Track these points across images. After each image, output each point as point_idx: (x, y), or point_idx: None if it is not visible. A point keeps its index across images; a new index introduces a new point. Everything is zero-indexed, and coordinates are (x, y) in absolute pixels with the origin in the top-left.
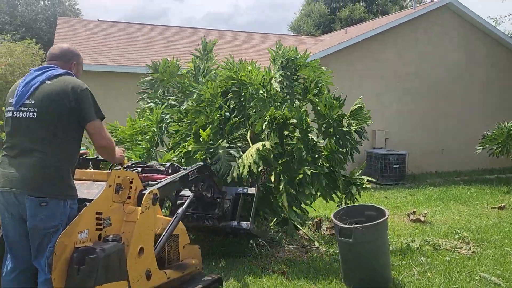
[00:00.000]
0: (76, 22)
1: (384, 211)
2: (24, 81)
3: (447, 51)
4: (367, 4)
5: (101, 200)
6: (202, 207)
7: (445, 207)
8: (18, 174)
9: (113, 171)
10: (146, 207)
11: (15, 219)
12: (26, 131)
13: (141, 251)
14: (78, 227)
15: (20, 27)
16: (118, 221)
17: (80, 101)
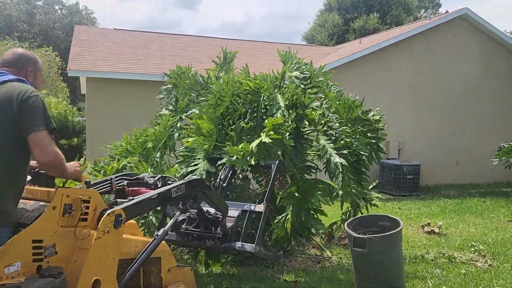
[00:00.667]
0: (92, 30)
1: (398, 221)
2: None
3: (462, 62)
4: (381, 15)
5: (40, 225)
6: (204, 225)
7: (460, 219)
8: None
9: (59, 190)
10: (105, 231)
11: None
12: None
13: (97, 284)
14: (4, 259)
15: (37, 35)
16: (68, 249)
17: (23, 108)
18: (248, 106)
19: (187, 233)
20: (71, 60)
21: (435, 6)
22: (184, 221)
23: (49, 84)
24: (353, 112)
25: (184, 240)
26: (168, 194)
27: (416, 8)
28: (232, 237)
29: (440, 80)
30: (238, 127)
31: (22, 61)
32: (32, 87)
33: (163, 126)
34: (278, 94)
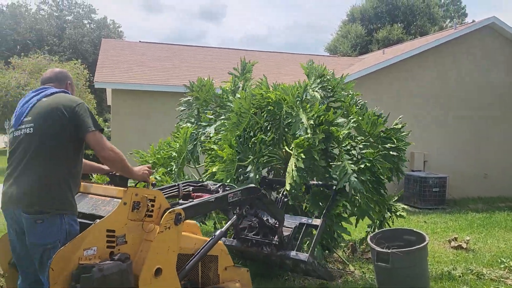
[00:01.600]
0: (118, 43)
1: (424, 236)
2: (22, 103)
3: (490, 72)
4: (405, 25)
5: (113, 217)
6: (262, 232)
7: (488, 234)
8: (15, 192)
9: (130, 189)
10: (166, 226)
11: (19, 235)
12: (24, 147)
13: (158, 272)
14: (84, 243)
15: (67, 48)
16: (137, 239)
17: (76, 114)
18: (269, 118)
19: (246, 239)
20: (98, 72)
21: (461, 16)
22: (244, 229)
23: (77, 95)
24: (376, 128)
25: (243, 246)
26: (225, 198)
27: (442, 18)
28: (288, 246)
29: (467, 90)
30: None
31: (61, 77)
32: (77, 97)
33: (182, 139)
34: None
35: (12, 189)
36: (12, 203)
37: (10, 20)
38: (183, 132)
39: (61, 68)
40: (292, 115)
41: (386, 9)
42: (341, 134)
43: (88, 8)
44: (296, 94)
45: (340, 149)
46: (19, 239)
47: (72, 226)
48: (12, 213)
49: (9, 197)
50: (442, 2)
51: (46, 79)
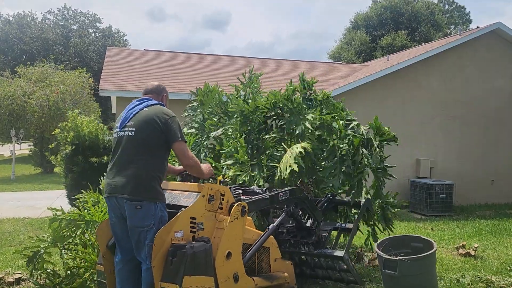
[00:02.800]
0: (123, 51)
1: (432, 243)
2: (127, 109)
3: (495, 77)
4: (409, 32)
5: (195, 207)
6: (300, 234)
7: (497, 242)
8: (118, 183)
9: (207, 184)
10: (235, 217)
11: (119, 219)
12: (126, 146)
13: (229, 256)
14: (175, 227)
15: (72, 57)
16: (210, 227)
17: (168, 125)
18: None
19: (285, 240)
20: (103, 80)
21: (465, 22)
22: (283, 233)
23: (82, 104)
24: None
25: (283, 247)
26: (276, 196)
27: (446, 25)
28: (325, 244)
29: (472, 96)
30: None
31: (159, 90)
32: (170, 110)
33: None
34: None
35: (116, 181)
36: (116, 192)
37: (16, 30)
38: (187, 139)
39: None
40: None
41: (390, 16)
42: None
43: (93, 17)
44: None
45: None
46: (120, 222)
47: (163, 212)
48: (115, 200)
49: (113, 187)
50: (446, 9)
51: (147, 91)
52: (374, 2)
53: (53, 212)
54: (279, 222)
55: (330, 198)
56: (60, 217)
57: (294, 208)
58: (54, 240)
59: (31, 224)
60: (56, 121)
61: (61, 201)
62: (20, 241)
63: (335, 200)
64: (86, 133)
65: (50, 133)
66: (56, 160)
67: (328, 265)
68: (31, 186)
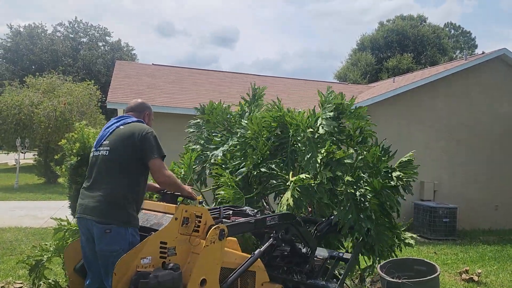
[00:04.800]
0: (132, 65)
1: (435, 267)
2: (104, 128)
3: (501, 103)
4: (415, 55)
5: (166, 231)
6: (294, 261)
7: (501, 268)
8: (89, 204)
9: (180, 206)
10: (211, 241)
11: (89, 241)
12: (99, 166)
13: (203, 283)
14: (141, 253)
15: (81, 69)
16: (184, 252)
17: (143, 142)
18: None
19: (278, 266)
20: (111, 93)
21: (470, 47)
22: (277, 257)
23: (88, 115)
24: (381, 164)
25: (275, 273)
26: (263, 221)
27: (452, 49)
28: (318, 275)
29: (477, 121)
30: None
31: (141, 107)
32: (148, 126)
33: (186, 165)
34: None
35: (87, 201)
36: (86, 213)
37: (26, 41)
38: (187, 157)
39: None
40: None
41: (396, 38)
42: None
43: (103, 31)
44: (307, 123)
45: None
46: (89, 245)
47: (134, 237)
48: (85, 222)
49: (84, 208)
50: (452, 33)
51: (128, 108)
52: (380, 25)
53: (58, 222)
54: (265, 248)
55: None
56: (65, 227)
57: (283, 235)
58: (57, 250)
59: (33, 234)
60: (62, 132)
61: (64, 211)
62: (21, 250)
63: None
64: (92, 144)
65: (55, 143)
66: (61, 170)
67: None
68: (34, 196)
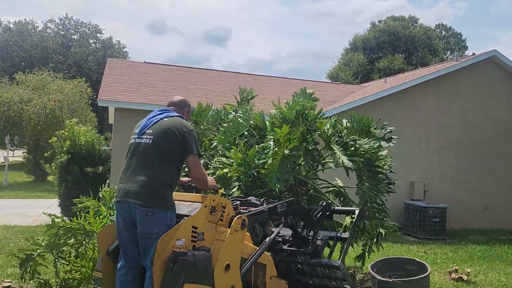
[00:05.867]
0: (123, 63)
1: (426, 266)
2: (148, 117)
3: (491, 104)
4: (406, 55)
5: (197, 217)
6: (297, 244)
7: (489, 267)
8: (132, 188)
9: (209, 195)
10: (235, 229)
11: (127, 224)
12: (142, 153)
13: (227, 267)
14: (176, 235)
15: (71, 66)
16: (211, 238)
17: (185, 138)
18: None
19: (282, 250)
20: (102, 91)
21: (461, 48)
22: (279, 242)
23: (79, 113)
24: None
25: (279, 257)
26: (275, 208)
27: (442, 50)
28: (320, 254)
29: (468, 122)
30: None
31: (182, 104)
32: (189, 123)
33: None
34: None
35: (129, 186)
36: (128, 197)
37: (16, 37)
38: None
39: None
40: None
41: (388, 39)
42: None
43: (94, 28)
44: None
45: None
46: (127, 228)
47: (172, 221)
48: (127, 205)
49: (126, 192)
50: (443, 35)
51: (170, 103)
52: (372, 25)
53: (52, 218)
54: (275, 234)
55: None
56: (59, 224)
57: (291, 220)
58: (49, 246)
59: (22, 232)
60: (52, 129)
61: (53, 210)
62: (10, 249)
63: (329, 209)
64: (83, 142)
65: (45, 141)
66: (51, 168)
67: (324, 274)
68: (23, 194)
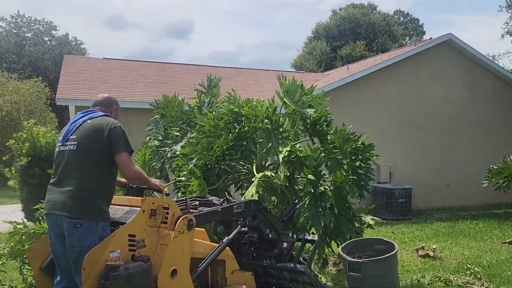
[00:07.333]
0: (81, 60)
1: (393, 244)
2: (70, 122)
3: (449, 86)
4: (367, 42)
5: (134, 223)
6: (262, 246)
7: (454, 242)
8: (58, 199)
9: (147, 198)
10: (180, 231)
11: (59, 237)
12: (67, 161)
13: (174, 273)
14: (109, 246)
15: (27, 66)
16: (154, 244)
17: (111, 136)
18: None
19: (247, 252)
20: (60, 89)
21: (419, 33)
22: (245, 244)
23: (37, 114)
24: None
25: (244, 260)
26: (230, 209)
27: (401, 36)
28: (286, 258)
29: (427, 104)
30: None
31: (108, 102)
32: (116, 120)
33: (141, 161)
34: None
35: (56, 197)
36: (55, 209)
37: None
38: (141, 154)
39: (20, 85)
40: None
41: (349, 27)
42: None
43: (49, 24)
44: (266, 113)
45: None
46: (59, 241)
47: (106, 231)
48: (55, 218)
49: (53, 204)
50: (401, 21)
51: (96, 103)
52: (333, 13)
53: (13, 225)
54: (233, 236)
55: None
56: (21, 231)
57: (250, 221)
58: (12, 253)
59: None
60: (10, 132)
61: (16, 215)
62: None
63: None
64: (43, 144)
65: (3, 144)
66: (11, 172)
67: (291, 278)
68: None
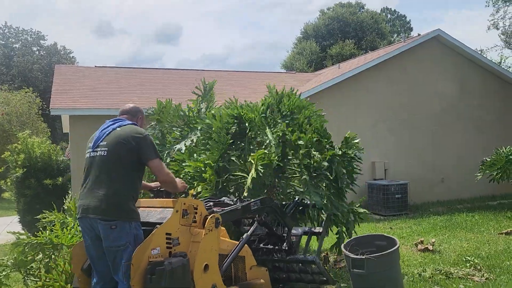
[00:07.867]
0: (73, 69)
1: (394, 240)
2: (100, 129)
3: (439, 82)
4: (356, 40)
5: (170, 223)
6: (272, 242)
7: (451, 235)
8: (91, 204)
9: (179, 199)
10: (209, 229)
11: (94, 240)
12: (98, 166)
13: (206, 268)
14: (151, 244)
15: (16, 77)
16: (186, 241)
17: (141, 144)
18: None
19: (258, 249)
20: (53, 99)
21: (406, 30)
22: (255, 241)
23: (30, 125)
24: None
25: (255, 256)
26: (248, 207)
27: (389, 33)
28: (296, 250)
29: (418, 100)
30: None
31: (134, 111)
32: (143, 129)
33: None
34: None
35: (89, 201)
36: (88, 212)
37: None
38: None
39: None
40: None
41: (338, 26)
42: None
43: (37, 34)
44: (261, 111)
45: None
46: (94, 244)
47: (138, 230)
48: (89, 221)
49: (86, 208)
50: (388, 18)
51: (123, 111)
52: (322, 13)
53: (17, 236)
54: (252, 231)
55: (297, 202)
56: (25, 241)
57: (265, 217)
58: (16, 265)
59: None
60: (2, 144)
61: (13, 227)
62: None
63: (302, 204)
64: (38, 154)
65: None
66: (6, 184)
67: (301, 269)
68: None
